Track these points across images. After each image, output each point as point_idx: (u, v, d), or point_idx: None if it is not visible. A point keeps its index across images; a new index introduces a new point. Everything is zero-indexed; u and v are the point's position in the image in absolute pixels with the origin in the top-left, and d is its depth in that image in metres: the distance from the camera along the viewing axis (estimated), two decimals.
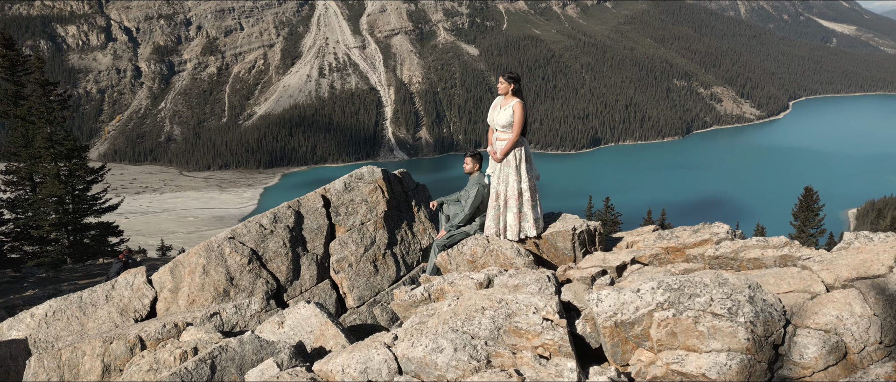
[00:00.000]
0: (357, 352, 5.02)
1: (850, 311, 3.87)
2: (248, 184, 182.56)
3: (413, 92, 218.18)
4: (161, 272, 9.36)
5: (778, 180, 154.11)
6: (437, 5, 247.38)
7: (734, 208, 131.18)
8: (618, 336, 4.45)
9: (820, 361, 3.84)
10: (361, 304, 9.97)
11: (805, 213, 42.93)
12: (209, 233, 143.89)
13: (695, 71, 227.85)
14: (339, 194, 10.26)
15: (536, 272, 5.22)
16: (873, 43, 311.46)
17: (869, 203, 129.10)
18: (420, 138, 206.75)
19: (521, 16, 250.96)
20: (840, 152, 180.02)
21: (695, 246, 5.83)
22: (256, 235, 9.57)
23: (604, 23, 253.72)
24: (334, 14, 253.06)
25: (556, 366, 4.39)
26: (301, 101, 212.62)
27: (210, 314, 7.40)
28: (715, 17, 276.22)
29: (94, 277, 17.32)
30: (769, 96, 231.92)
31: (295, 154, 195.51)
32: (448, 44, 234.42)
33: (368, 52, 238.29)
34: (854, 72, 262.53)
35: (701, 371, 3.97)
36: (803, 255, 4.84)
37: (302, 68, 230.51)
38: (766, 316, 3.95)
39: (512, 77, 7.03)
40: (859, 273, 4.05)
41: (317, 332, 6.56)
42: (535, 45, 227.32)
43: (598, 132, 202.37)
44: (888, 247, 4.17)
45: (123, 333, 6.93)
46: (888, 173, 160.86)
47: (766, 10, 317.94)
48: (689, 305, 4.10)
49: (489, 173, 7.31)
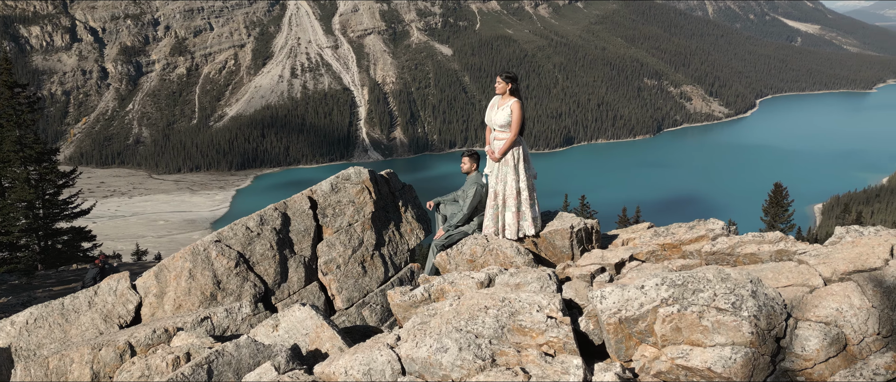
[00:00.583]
0: (360, 354, 5.00)
1: (849, 303, 3.98)
2: (220, 186, 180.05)
3: (387, 92, 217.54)
4: (145, 276, 9.19)
5: (747, 177, 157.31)
6: (410, 5, 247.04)
7: (706, 205, 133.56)
8: (621, 332, 4.50)
9: (821, 353, 3.94)
10: (350, 306, 9.92)
11: (775, 208, 43.88)
12: (180, 237, 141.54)
13: (665, 70, 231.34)
14: (326, 196, 10.20)
15: (537, 271, 5.26)
16: (836, 42, 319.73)
17: (834, 198, 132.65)
18: (395, 139, 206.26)
19: (494, 16, 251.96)
20: (805, 148, 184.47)
21: (691, 242, 5.94)
22: (243, 237, 9.46)
23: (575, 23, 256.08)
24: (306, 14, 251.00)
25: (561, 363, 4.42)
26: (273, 101, 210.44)
27: (201, 318, 7.29)
28: (684, 16, 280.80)
29: (68, 283, 16.92)
30: (737, 95, 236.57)
31: (267, 156, 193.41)
32: (421, 44, 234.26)
33: (341, 52, 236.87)
34: (818, 70, 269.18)
35: (706, 365, 4.04)
36: (799, 249, 4.97)
37: (274, 69, 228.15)
38: (769, 310, 4.04)
39: (509, 77, 7.06)
40: (856, 267, 4.17)
41: (312, 334, 6.51)
42: (508, 45, 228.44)
43: (571, 131, 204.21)
44: (882, 241, 4.30)
45: (112, 339, 6.79)
46: (852, 169, 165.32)
47: (733, 10, 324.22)
48: (692, 300, 4.17)
49: (487, 172, 7.32)
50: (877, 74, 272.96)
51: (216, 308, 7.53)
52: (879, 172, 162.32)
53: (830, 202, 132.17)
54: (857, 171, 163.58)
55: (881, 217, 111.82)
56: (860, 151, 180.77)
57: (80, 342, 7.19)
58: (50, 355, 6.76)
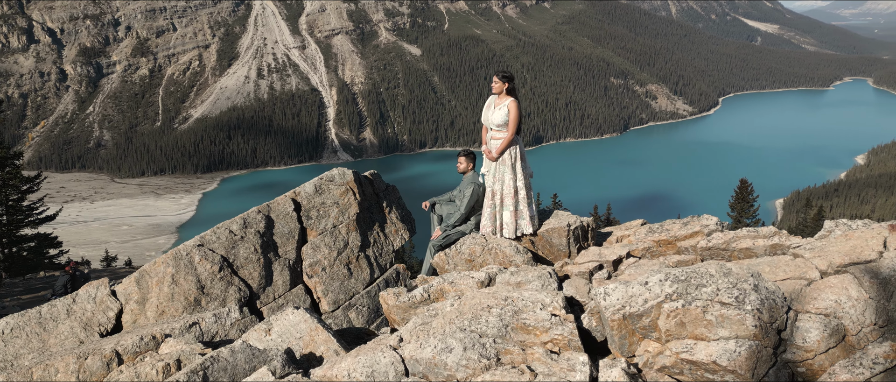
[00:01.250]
0: (362, 356, 4.96)
1: (847, 295, 4.09)
2: (186, 190, 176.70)
3: (356, 92, 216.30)
4: (126, 283, 8.97)
5: (712, 174, 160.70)
6: (378, 5, 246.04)
7: (675, 202, 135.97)
8: (625, 328, 4.56)
9: (822, 344, 4.04)
10: (336, 308, 9.84)
11: (741, 204, 44.95)
12: (145, 242, 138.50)
13: (630, 69, 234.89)
14: (310, 197, 10.10)
15: (538, 269, 5.29)
16: (795, 41, 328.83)
17: (794, 193, 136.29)
18: (364, 139, 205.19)
19: (462, 16, 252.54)
20: (767, 145, 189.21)
21: (686, 238, 6.05)
22: (226, 241, 9.31)
23: (542, 23, 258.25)
24: (272, 14, 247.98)
25: (567, 360, 4.45)
26: (239, 103, 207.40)
27: (189, 324, 7.15)
28: (648, 16, 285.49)
29: (36, 291, 16.42)
30: (700, 93, 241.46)
31: (234, 158, 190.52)
32: (390, 44, 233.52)
33: (308, 52, 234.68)
34: (778, 69, 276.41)
35: (711, 358, 4.12)
36: (793, 243, 5.10)
37: (239, 69, 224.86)
38: (771, 303, 4.14)
39: (506, 76, 7.08)
40: (851, 259, 4.29)
41: (306, 338, 6.44)
42: (476, 45, 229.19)
43: (539, 130, 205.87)
44: (875, 234, 4.44)
45: (98, 347, 6.62)
46: (811, 165, 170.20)
47: (696, 10, 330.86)
48: (696, 295, 4.24)
49: (484, 171, 7.32)
50: (834, 72, 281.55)
51: (204, 314, 7.40)
52: (838, 167, 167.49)
53: (791, 197, 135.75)
54: (816, 166, 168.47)
55: (840, 211, 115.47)
56: (819, 147, 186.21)
57: (63, 351, 6.99)
58: (33, 365, 6.55)
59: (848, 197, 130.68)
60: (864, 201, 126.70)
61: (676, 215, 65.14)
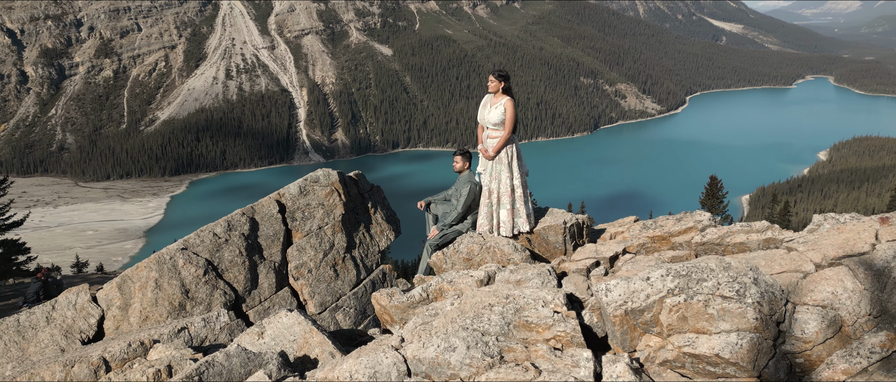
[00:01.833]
0: (364, 357, 4.93)
1: (842, 287, 4.20)
2: (153, 193, 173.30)
3: (327, 93, 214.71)
4: (107, 288, 8.77)
5: (681, 171, 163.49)
6: (348, 5, 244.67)
7: (647, 199, 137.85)
8: (627, 323, 4.61)
9: (820, 335, 4.15)
10: (323, 310, 9.76)
11: (711, 200, 45.86)
12: (111, 247, 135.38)
13: (600, 69, 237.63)
14: (295, 199, 9.99)
15: (537, 267, 5.32)
16: (758, 40, 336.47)
17: (760, 189, 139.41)
18: (336, 140, 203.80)
19: (433, 16, 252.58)
20: (733, 142, 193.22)
21: (680, 234, 6.14)
22: (210, 244, 9.16)
23: (513, 23, 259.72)
24: (240, 14, 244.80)
25: (571, 356, 4.49)
26: (208, 104, 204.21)
27: (178, 329, 7.02)
28: (616, 17, 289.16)
29: (7, 299, 15.95)
30: (668, 92, 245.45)
31: (203, 160, 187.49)
32: (361, 44, 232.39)
33: (278, 52, 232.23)
34: (742, 67, 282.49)
35: (714, 351, 4.19)
36: (786, 237, 5.22)
37: (207, 70, 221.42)
38: (770, 296, 4.23)
39: (502, 75, 7.09)
40: (845, 252, 4.41)
41: (300, 340, 6.37)
42: (448, 45, 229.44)
43: None
44: (867, 227, 4.57)
45: (85, 355, 6.45)
46: (776, 161, 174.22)
47: (663, 11, 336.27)
48: (698, 290, 4.32)
49: (480, 170, 7.33)
50: (796, 70, 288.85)
51: (193, 318, 7.27)
52: (801, 163, 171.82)
53: (757, 193, 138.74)
54: (780, 163, 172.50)
55: (804, 206, 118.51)
56: (783, 144, 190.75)
57: (47, 359, 6.80)
58: (16, 374, 6.36)
59: (811, 192, 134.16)
60: (827, 195, 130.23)
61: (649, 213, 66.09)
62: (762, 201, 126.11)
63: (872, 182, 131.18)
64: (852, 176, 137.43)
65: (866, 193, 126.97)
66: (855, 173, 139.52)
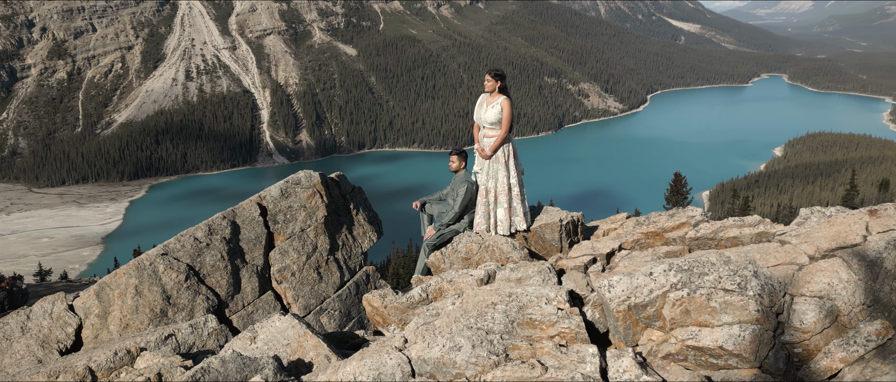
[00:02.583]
0: (368, 359, 4.90)
1: (838, 278, 4.35)
2: (111, 198, 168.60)
3: (290, 94, 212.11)
4: (84, 296, 8.52)
5: (644, 168, 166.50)
6: (311, 5, 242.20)
7: (613, 197, 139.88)
8: (630, 318, 4.68)
9: (818, 325, 4.28)
10: (308, 313, 9.66)
11: (676, 196, 46.86)
12: (68, 254, 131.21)
13: (563, 68, 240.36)
14: (276, 201, 9.87)
15: (537, 265, 5.36)
16: (715, 40, 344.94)
17: (719, 185, 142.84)
18: (300, 142, 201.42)
19: (398, 16, 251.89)
20: (692, 139, 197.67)
21: (673, 230, 6.27)
22: (191, 249, 8.98)
23: (477, 23, 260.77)
24: (199, 14, 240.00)
25: (577, 353, 4.54)
26: (167, 106, 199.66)
27: (165, 335, 6.86)
28: (579, 17, 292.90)
29: None
30: (630, 91, 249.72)
31: (163, 164, 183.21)
32: (324, 44, 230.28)
33: (240, 53, 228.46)
34: (700, 66, 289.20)
35: (717, 343, 4.29)
36: (777, 231, 5.37)
37: (166, 71, 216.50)
38: (770, 289, 4.35)
39: (498, 74, 7.11)
40: (838, 243, 4.56)
41: (294, 344, 6.29)
42: (412, 45, 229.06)
43: None
44: (857, 219, 4.74)
45: (69, 365, 6.25)
46: (734, 158, 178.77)
47: (623, 11, 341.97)
48: (700, 283, 4.41)
49: (476, 170, 7.33)
50: (752, 69, 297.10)
51: (180, 324, 7.11)
52: (758, 159, 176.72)
53: (716, 189, 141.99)
54: (738, 159, 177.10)
55: (761, 201, 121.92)
56: (740, 140, 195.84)
57: (27, 370, 6.56)
58: None
59: (768, 187, 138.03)
60: (783, 190, 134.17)
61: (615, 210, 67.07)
62: (722, 196, 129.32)
63: (826, 177, 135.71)
64: (806, 171, 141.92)
65: (820, 187, 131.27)
66: (809, 168, 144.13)
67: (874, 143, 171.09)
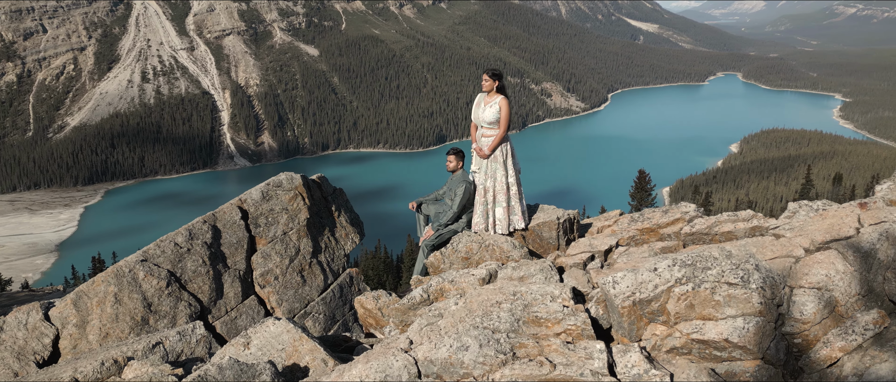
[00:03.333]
0: (373, 361, 4.86)
1: (835, 269, 4.49)
2: (65, 204, 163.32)
3: (251, 95, 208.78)
4: (61, 305, 8.24)
5: (607, 166, 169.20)
6: (271, 5, 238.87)
7: (579, 194, 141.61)
8: (634, 314, 4.75)
9: (817, 315, 4.41)
10: (292, 317, 9.52)
11: (640, 193, 47.70)
12: (21, 263, 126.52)
13: (526, 68, 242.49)
14: (258, 204, 9.70)
15: (539, 263, 5.39)
16: (673, 39, 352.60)
17: (679, 182, 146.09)
18: (263, 143, 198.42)
19: (360, 16, 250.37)
20: (652, 137, 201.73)
21: (667, 225, 6.37)
22: (172, 254, 8.76)
23: (440, 23, 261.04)
24: (155, 14, 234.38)
25: (584, 349, 4.58)
26: (123, 109, 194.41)
27: (152, 344, 6.67)
28: (540, 17, 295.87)
29: None
30: (591, 90, 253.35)
31: (119, 168, 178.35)
32: (286, 44, 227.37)
33: (198, 54, 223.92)
34: (659, 65, 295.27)
35: (722, 336, 4.38)
36: (770, 225, 5.51)
37: (121, 73, 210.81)
38: (772, 281, 4.46)
39: (495, 74, 7.11)
40: (832, 236, 4.71)
41: (289, 349, 6.19)
42: (375, 45, 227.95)
43: (443, 130, 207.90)
44: (849, 212, 4.90)
45: (54, 377, 6.03)
46: (692, 154, 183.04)
47: (583, 11, 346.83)
48: (704, 278, 4.50)
49: (474, 169, 7.31)
50: (708, 67, 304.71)
51: (168, 332, 6.93)
52: (715, 155, 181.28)
53: (676, 185, 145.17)
54: (696, 156, 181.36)
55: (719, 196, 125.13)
56: (698, 137, 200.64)
57: None
58: None
59: (725, 183, 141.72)
60: (740, 185, 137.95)
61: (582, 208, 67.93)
62: (681, 192, 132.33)
63: (780, 172, 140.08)
64: (762, 167, 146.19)
65: (775, 182, 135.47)
66: (764, 163, 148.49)
67: (825, 138, 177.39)
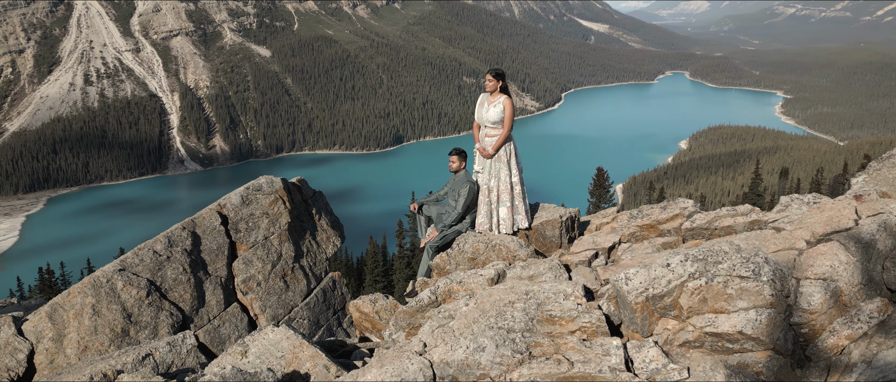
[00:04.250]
0: (389, 365, 4.79)
1: (838, 260, 4.65)
2: (5, 213, 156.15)
3: (201, 97, 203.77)
4: (35, 319, 7.86)
5: (563, 164, 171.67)
6: (221, 5, 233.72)
7: (539, 193, 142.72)
8: (646, 309, 4.82)
9: (824, 305, 4.56)
10: (277, 324, 9.31)
11: (599, 190, 48.59)
12: None
13: (481, 68, 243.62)
14: (237, 209, 9.46)
15: (547, 261, 5.41)
16: (623, 39, 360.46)
17: (631, 178, 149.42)
18: (214, 147, 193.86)
19: (312, 16, 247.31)
20: (605, 135, 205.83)
21: (667, 221, 6.48)
22: (151, 263, 8.47)
23: (394, 23, 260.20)
24: (98, 14, 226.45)
25: (601, 346, 4.62)
26: (65, 113, 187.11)
27: (142, 355, 6.42)
28: (494, 18, 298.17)
29: None
30: (545, 89, 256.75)
31: (62, 174, 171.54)
32: (236, 45, 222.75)
33: (144, 55, 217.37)
34: (610, 65, 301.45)
35: (736, 328, 4.48)
36: (769, 219, 5.66)
37: (62, 76, 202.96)
38: (780, 273, 4.59)
39: (498, 74, 7.09)
40: (832, 228, 4.88)
41: (289, 356, 6.05)
42: (329, 45, 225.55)
43: (400, 130, 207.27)
44: (846, 204, 5.09)
45: None
46: (644, 151, 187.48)
47: (536, 11, 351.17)
48: (716, 272, 4.59)
49: (478, 169, 7.26)
50: (657, 67, 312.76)
51: (158, 342, 6.69)
52: (665, 152, 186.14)
53: (629, 182, 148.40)
54: (647, 152, 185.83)
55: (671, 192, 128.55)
56: (649, 135, 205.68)
57: None
58: None
59: (675, 179, 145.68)
60: (690, 181, 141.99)
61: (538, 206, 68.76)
62: (634, 188, 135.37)
63: (726, 167, 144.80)
64: (710, 162, 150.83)
65: (722, 176, 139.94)
66: (712, 159, 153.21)
67: (769, 134, 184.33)
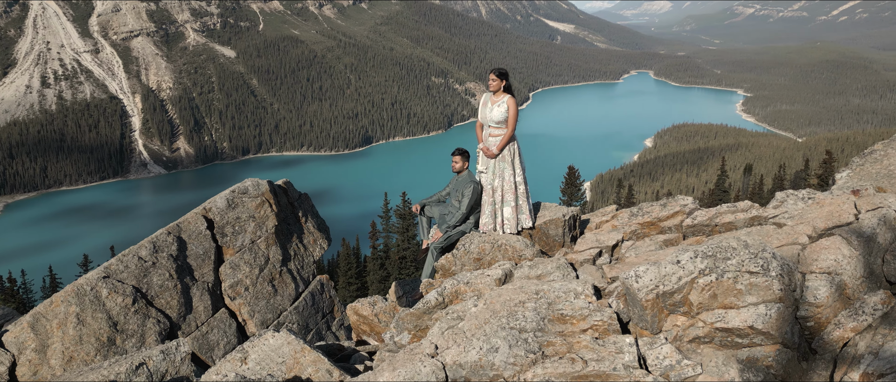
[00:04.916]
0: (401, 368, 4.74)
1: (842, 254, 4.75)
2: None
3: (164, 99, 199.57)
4: (16, 330, 7.57)
5: (532, 163, 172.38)
6: (183, 5, 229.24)
7: None
8: (657, 306, 4.86)
9: (830, 299, 4.65)
10: (267, 328, 9.15)
11: (570, 188, 49.11)
12: None
13: (449, 68, 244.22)
14: (223, 213, 9.26)
15: (554, 260, 5.40)
16: (589, 39, 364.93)
17: (599, 176, 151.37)
18: (178, 149, 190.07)
19: (278, 16, 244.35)
20: (572, 134, 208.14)
21: (668, 219, 6.53)
22: (136, 269, 8.24)
23: (361, 23, 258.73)
24: (55, 14, 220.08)
25: (614, 344, 4.64)
26: (21, 116, 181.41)
27: (136, 365, 6.23)
28: (462, 18, 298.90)
29: None
30: (514, 89, 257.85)
31: (19, 180, 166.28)
32: (200, 45, 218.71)
33: (104, 56, 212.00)
34: (576, 65, 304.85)
35: (747, 324, 4.54)
36: (769, 215, 5.76)
37: (18, 78, 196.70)
38: (788, 268, 4.67)
39: (502, 73, 7.04)
40: (833, 223, 4.98)
41: (290, 361, 5.94)
42: (295, 46, 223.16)
43: (368, 131, 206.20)
44: (845, 200, 5.20)
45: None
46: (611, 149, 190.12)
47: (503, 12, 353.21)
48: (725, 267, 4.65)
49: (481, 169, 7.22)
50: (622, 66, 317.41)
51: (151, 351, 6.49)
52: (631, 150, 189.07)
53: (596, 180, 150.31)
54: (614, 150, 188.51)
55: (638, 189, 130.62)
56: (615, 133, 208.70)
57: None
58: None
59: (642, 176, 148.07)
60: (655, 178, 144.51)
61: None
62: (602, 186, 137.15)
63: (691, 164, 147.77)
64: (675, 160, 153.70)
65: (687, 173, 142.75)
66: (676, 156, 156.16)
67: (730, 131, 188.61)
